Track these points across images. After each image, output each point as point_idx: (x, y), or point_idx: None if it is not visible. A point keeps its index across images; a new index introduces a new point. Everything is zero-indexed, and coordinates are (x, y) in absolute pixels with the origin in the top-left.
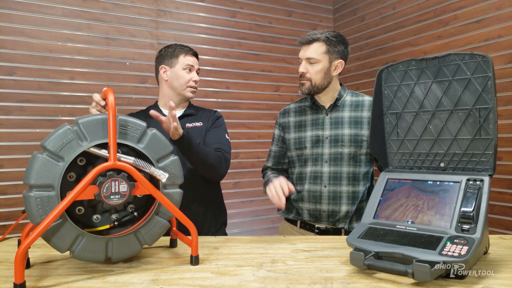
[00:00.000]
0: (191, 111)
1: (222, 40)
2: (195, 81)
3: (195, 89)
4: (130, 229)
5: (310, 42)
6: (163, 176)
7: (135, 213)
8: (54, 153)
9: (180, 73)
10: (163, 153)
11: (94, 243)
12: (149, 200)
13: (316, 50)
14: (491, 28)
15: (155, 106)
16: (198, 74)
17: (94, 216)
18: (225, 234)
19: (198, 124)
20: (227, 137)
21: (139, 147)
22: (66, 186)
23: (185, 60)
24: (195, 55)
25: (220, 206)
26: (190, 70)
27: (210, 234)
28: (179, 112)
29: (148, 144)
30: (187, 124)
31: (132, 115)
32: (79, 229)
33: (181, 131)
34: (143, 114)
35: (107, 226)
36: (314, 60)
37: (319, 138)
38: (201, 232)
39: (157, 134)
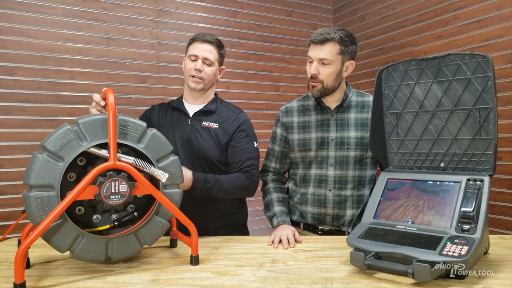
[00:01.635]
0: (211, 107)
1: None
2: (196, 70)
3: (198, 79)
4: (130, 229)
5: (323, 42)
6: (163, 176)
7: (135, 213)
8: (54, 153)
9: (185, 63)
10: (163, 153)
11: (94, 243)
12: (149, 200)
13: (330, 51)
14: (491, 28)
15: (179, 100)
16: (210, 64)
17: (94, 216)
18: (247, 230)
19: (214, 125)
20: (255, 145)
21: (139, 147)
22: (66, 186)
23: (191, 48)
24: (206, 41)
25: (241, 203)
26: (195, 60)
27: (230, 231)
28: (198, 107)
29: (148, 144)
30: (203, 123)
31: (157, 105)
32: (79, 229)
33: (188, 184)
34: (167, 106)
35: (107, 226)
36: (328, 61)
37: (324, 140)
38: (221, 231)
39: (157, 134)
